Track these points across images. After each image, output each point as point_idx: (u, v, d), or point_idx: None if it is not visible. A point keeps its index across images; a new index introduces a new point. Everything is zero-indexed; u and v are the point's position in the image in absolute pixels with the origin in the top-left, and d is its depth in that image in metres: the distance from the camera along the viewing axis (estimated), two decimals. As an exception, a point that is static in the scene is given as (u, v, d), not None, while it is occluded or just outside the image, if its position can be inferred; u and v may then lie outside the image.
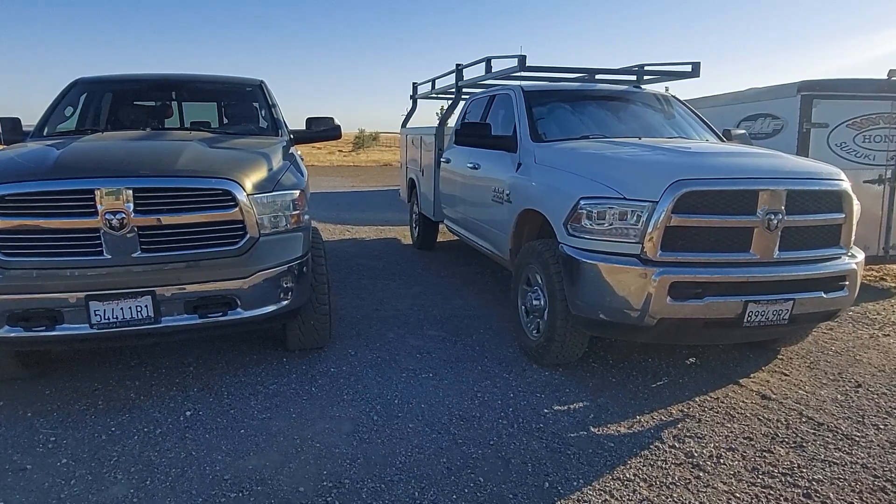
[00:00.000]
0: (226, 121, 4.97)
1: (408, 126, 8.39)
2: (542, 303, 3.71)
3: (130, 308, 2.90)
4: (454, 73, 6.38)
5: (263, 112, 4.53)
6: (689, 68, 5.03)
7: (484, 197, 4.76)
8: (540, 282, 3.73)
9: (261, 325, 3.34)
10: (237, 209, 3.05)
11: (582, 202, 3.24)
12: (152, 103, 5.22)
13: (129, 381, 3.47)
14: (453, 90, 6.65)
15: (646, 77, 5.51)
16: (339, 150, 43.07)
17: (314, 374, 3.58)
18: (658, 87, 5.28)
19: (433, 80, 7.39)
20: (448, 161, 5.98)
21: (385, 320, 4.67)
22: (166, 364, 3.70)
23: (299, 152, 6.20)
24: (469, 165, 5.16)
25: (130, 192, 2.85)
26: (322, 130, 4.53)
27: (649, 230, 3.04)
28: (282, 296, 3.25)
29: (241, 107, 4.73)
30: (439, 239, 7.65)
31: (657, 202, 3.02)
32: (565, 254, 3.34)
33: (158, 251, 2.95)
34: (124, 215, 2.84)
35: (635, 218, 3.09)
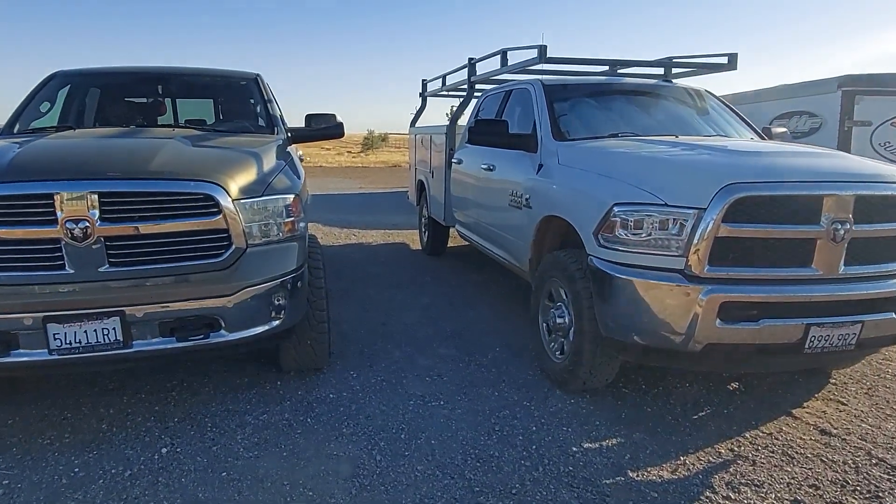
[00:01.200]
0: (219, 117, 4.59)
1: (417, 125, 7.99)
2: (567, 321, 3.30)
3: (96, 331, 2.52)
4: (466, 68, 5.97)
5: (258, 108, 4.14)
6: (724, 60, 4.59)
7: (500, 201, 4.35)
8: (564, 298, 3.32)
9: (249, 347, 2.95)
10: (220, 216, 2.66)
11: (616, 209, 2.83)
12: (143, 99, 4.86)
13: (104, 409, 3.09)
14: (465, 87, 6.24)
15: (674, 71, 5.08)
16: (348, 152, 42.84)
17: (311, 401, 3.18)
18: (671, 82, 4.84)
19: (444, 77, 6.99)
20: (460, 162, 5.58)
21: (392, 336, 4.27)
22: (147, 387, 3.32)
23: (300, 152, 5.86)
24: (483, 167, 4.76)
25: (95, 196, 2.47)
26: (323, 128, 4.14)
27: (695, 242, 2.63)
28: (273, 314, 2.86)
29: (235, 102, 4.35)
30: (449, 244, 7.25)
31: (705, 209, 2.60)
32: (595, 267, 2.93)
33: (129, 265, 2.57)
34: (88, 224, 2.46)
35: (678, 227, 2.67)
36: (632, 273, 2.77)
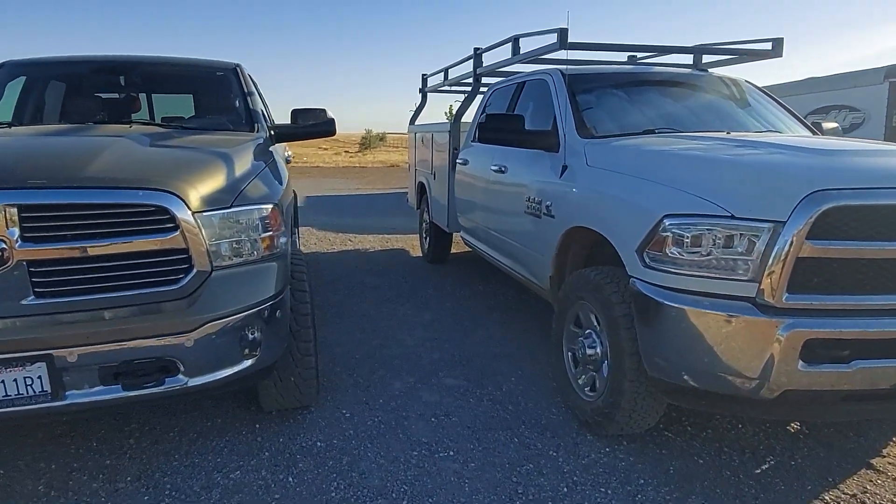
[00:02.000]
0: (197, 113, 4.06)
1: (417, 123, 7.46)
2: (600, 352, 2.78)
3: (15, 381, 1.99)
4: (472, 60, 5.43)
5: (238, 102, 3.60)
6: (767, 46, 4.06)
7: (513, 208, 3.82)
8: (596, 325, 2.79)
9: (216, 392, 2.42)
10: (178, 233, 2.13)
11: (666, 221, 2.30)
12: (115, 95, 4.32)
13: (45, 462, 2.55)
14: (470, 80, 5.70)
15: (706, 59, 4.54)
16: (346, 151, 42.32)
17: (294, 452, 2.65)
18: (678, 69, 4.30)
19: (446, 70, 6.44)
20: (465, 163, 5.05)
21: (390, 362, 3.74)
22: (101, 433, 2.79)
23: (289, 153, 5.33)
24: (493, 168, 4.22)
25: (14, 210, 1.94)
26: (311, 125, 3.60)
27: (770, 263, 2.10)
28: (246, 352, 2.33)
29: (211, 96, 3.81)
30: (452, 250, 6.72)
31: (783, 223, 2.08)
32: (639, 292, 2.40)
33: (60, 296, 2.04)
34: (5, 245, 1.93)
35: (748, 245, 2.14)
36: (687, 301, 2.24)
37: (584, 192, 2.97)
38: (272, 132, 3.52)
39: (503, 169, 4.07)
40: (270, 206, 2.49)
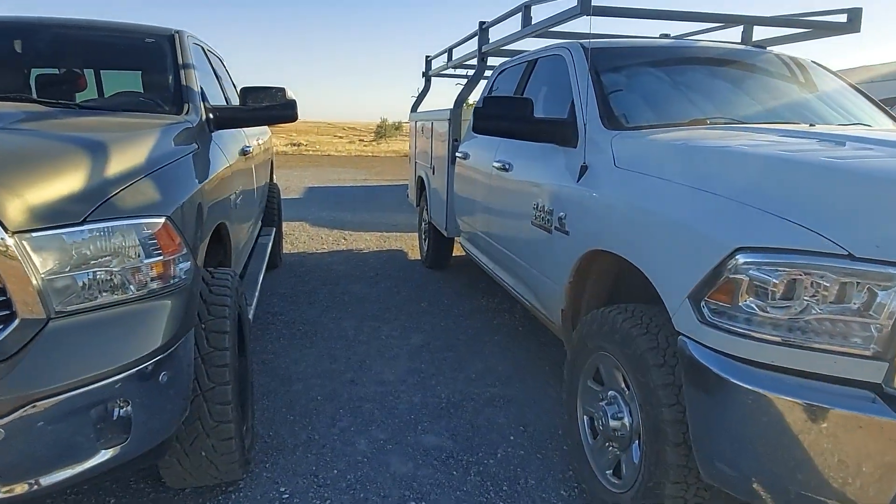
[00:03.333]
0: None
1: (418, 110, 6.66)
2: (628, 424, 2.00)
3: None
4: (477, 37, 4.63)
5: (168, 77, 2.83)
6: (842, 18, 3.21)
7: (518, 217, 3.03)
8: (623, 387, 2.02)
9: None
10: (-17, 265, 1.38)
11: (741, 258, 1.50)
12: (53, 70, 3.58)
13: None
14: (475, 61, 4.89)
15: (760, 34, 3.69)
16: (361, 140, 41.62)
17: (197, 561, 1.91)
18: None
19: (449, 50, 5.64)
20: (466, 157, 4.26)
21: (359, 407, 2.99)
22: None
23: (259, 141, 4.56)
24: (496, 164, 3.43)
25: None
26: (264, 108, 2.83)
27: (913, 333, 1.30)
28: (103, 440, 1.58)
29: (137, 68, 3.04)
30: (455, 252, 5.93)
31: (939, 270, 1.28)
32: (692, 359, 1.61)
33: None
34: None
35: (872, 302, 1.35)
36: (770, 383, 1.46)
37: (609, 204, 2.17)
38: (211, 115, 2.76)
39: (507, 166, 3.27)
40: (161, 219, 1.74)
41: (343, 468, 2.45)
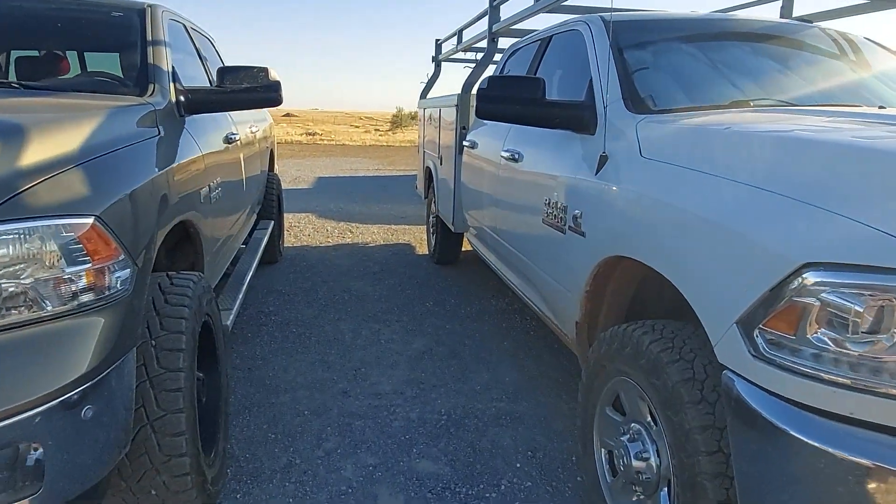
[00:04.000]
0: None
1: (428, 97, 6.32)
2: (654, 466, 1.67)
3: None
4: (487, 16, 4.27)
5: (134, 55, 2.52)
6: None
7: (528, 213, 2.69)
8: (649, 419, 1.68)
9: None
10: None
11: (810, 276, 1.15)
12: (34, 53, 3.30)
13: None
14: (486, 43, 4.53)
15: (802, 8, 3.29)
16: (376, 130, 41.32)
17: None
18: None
19: (459, 32, 5.28)
20: (473, 145, 3.91)
21: (350, 424, 2.68)
22: None
23: (255, 127, 4.24)
24: (504, 154, 3.09)
25: None
26: (243, 91, 2.52)
27: None
28: (12, 488, 1.29)
29: (103, 45, 2.72)
30: (465, 246, 5.60)
31: None
32: (742, 402, 1.27)
33: None
34: None
35: None
36: (849, 441, 1.11)
37: (634, 200, 1.82)
38: (182, 98, 2.45)
39: (516, 156, 2.92)
40: (88, 219, 1.43)
41: (324, 501, 2.15)
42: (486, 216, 3.59)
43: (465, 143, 4.08)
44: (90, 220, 1.43)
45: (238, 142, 3.37)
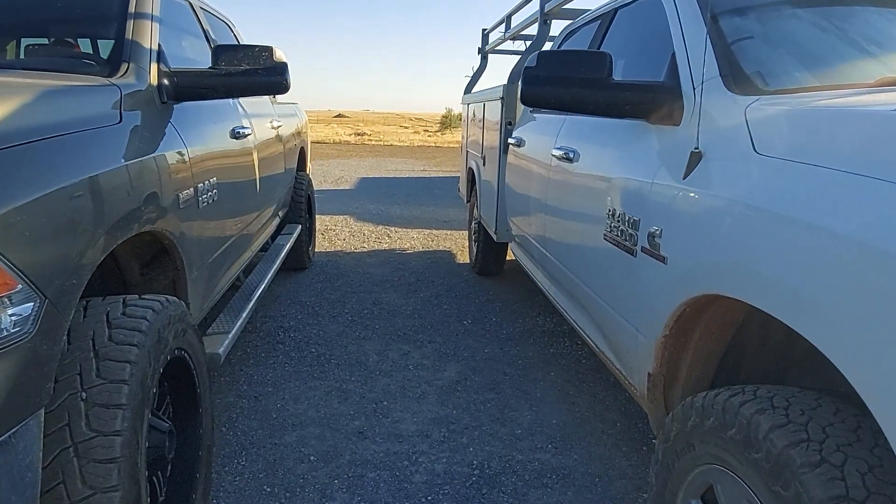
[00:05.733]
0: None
1: (473, 91, 5.82)
2: None
3: None
4: (539, -3, 3.75)
5: (111, 29, 2.12)
6: None
7: (585, 225, 2.17)
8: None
9: None
10: None
11: None
12: None
13: None
14: (536, 29, 4.00)
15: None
16: (425, 130, 41.05)
17: None
18: None
19: (507, 18, 4.77)
20: (520, 143, 3.40)
21: (362, 476, 2.22)
22: None
23: (278, 122, 3.83)
24: (556, 153, 2.56)
25: None
26: (242, 73, 2.10)
27: None
28: None
29: (79, 20, 2.34)
30: (510, 256, 5.08)
31: None
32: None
33: None
34: None
35: None
36: None
37: (747, 216, 1.27)
38: (166, 81, 2.03)
39: (570, 155, 2.39)
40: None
41: (315, 592, 1.68)
42: (533, 225, 3.07)
43: (510, 140, 3.57)
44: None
45: (250, 137, 2.96)
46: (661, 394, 1.65)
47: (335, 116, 65.36)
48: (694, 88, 1.63)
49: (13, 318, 1.10)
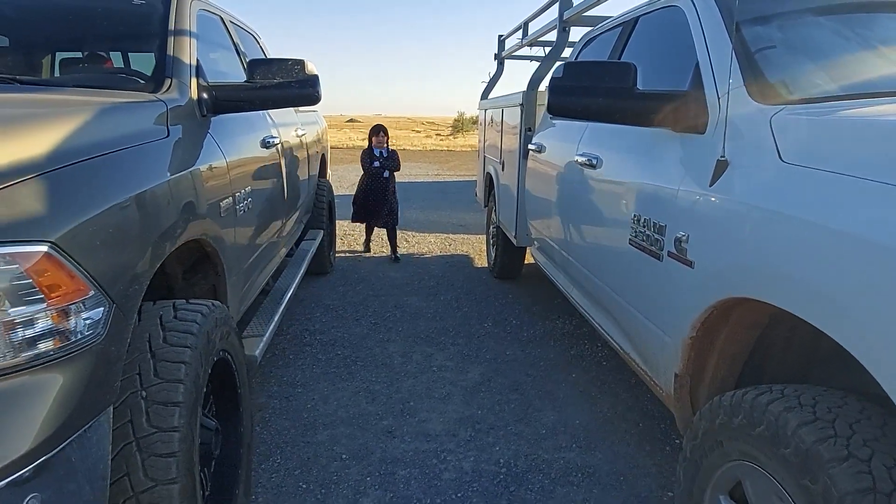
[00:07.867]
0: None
1: (489, 97, 5.89)
2: None
3: None
4: (557, 2, 3.81)
5: (154, 46, 2.21)
6: None
7: (610, 230, 2.22)
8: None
9: None
10: None
11: None
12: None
13: None
14: (555, 36, 4.07)
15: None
16: (437, 135, 41.18)
17: None
18: None
19: (524, 24, 4.84)
20: (540, 149, 3.46)
21: (393, 474, 2.29)
22: None
23: (302, 131, 3.93)
24: (579, 159, 2.63)
25: None
26: (275, 86, 2.19)
27: None
28: None
29: (120, 37, 2.44)
30: (529, 259, 5.14)
31: None
32: None
33: None
34: None
35: None
36: None
37: (773, 222, 1.33)
38: (205, 95, 2.13)
39: (593, 161, 2.45)
40: (41, 247, 1.09)
41: (355, 584, 1.76)
42: (555, 230, 3.13)
43: (530, 146, 3.63)
44: (43, 248, 1.09)
45: (279, 146, 3.05)
46: (688, 394, 1.71)
47: (347, 121, 65.80)
48: (719, 98, 1.69)
49: (87, 321, 1.18)
